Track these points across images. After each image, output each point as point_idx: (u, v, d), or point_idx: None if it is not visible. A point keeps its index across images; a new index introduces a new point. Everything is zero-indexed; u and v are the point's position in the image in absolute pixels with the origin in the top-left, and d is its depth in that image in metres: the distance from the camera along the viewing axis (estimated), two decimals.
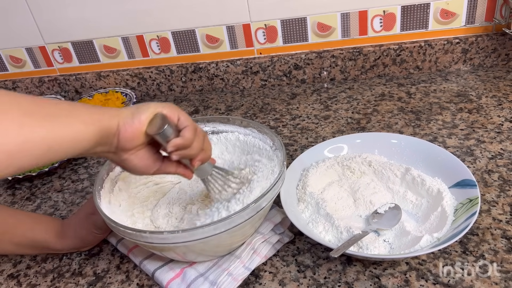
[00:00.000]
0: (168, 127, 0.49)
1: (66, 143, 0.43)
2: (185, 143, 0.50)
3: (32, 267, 0.66)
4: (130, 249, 0.63)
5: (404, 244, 0.56)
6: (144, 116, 0.48)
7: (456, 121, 0.84)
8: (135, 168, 0.52)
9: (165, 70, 1.14)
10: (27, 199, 0.83)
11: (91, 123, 0.45)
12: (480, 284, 0.52)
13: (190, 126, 0.51)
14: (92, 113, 0.46)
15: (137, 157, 0.51)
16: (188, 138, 0.50)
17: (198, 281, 0.56)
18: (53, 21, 1.12)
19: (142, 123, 0.48)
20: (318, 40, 1.06)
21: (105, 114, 0.47)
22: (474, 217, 0.53)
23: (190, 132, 0.51)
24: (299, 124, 0.92)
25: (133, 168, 0.52)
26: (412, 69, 1.06)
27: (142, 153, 0.51)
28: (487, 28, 1.01)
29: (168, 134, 0.49)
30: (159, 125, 0.49)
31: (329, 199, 0.65)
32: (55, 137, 0.42)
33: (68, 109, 0.45)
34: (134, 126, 0.48)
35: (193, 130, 0.51)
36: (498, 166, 0.70)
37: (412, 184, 0.65)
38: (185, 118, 0.52)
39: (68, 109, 0.45)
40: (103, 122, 0.46)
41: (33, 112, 0.41)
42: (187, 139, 0.50)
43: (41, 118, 0.41)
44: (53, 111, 0.43)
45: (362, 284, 0.54)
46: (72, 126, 0.43)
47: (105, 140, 0.47)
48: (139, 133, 0.48)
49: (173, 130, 0.50)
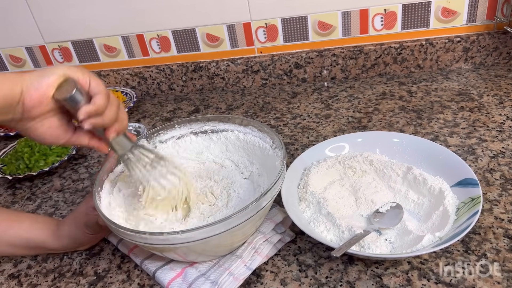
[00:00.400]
0: (78, 92, 0.45)
1: None
2: (97, 110, 0.46)
3: (33, 267, 0.65)
4: (131, 249, 0.63)
5: (406, 244, 0.56)
6: (52, 79, 0.44)
7: (458, 120, 0.84)
8: (42, 137, 0.48)
9: (166, 69, 1.14)
10: (28, 199, 0.83)
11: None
12: (482, 283, 0.51)
13: (102, 93, 0.47)
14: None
15: (43, 125, 0.47)
16: (100, 105, 0.46)
17: (199, 281, 0.56)
18: (53, 20, 1.12)
19: (49, 86, 0.44)
20: (318, 39, 1.06)
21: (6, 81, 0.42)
22: (476, 216, 0.53)
23: (102, 99, 0.46)
24: (300, 123, 0.92)
25: (39, 137, 0.48)
26: (413, 67, 1.05)
27: (50, 122, 0.47)
28: (488, 26, 1.00)
29: (78, 100, 0.45)
30: (68, 89, 0.45)
31: (330, 198, 0.65)
32: None
33: None
34: (40, 90, 0.43)
35: (105, 97, 0.47)
36: (500, 165, 0.70)
37: (413, 183, 0.65)
38: (96, 83, 0.47)
39: None
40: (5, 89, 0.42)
41: None
42: (99, 106, 0.46)
43: None
44: None
45: (364, 284, 0.54)
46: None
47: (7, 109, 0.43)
48: (46, 98, 0.44)
49: (84, 96, 0.46)
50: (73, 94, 0.45)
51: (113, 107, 0.49)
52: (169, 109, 1.10)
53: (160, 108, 1.11)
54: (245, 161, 0.70)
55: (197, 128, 0.72)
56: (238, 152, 0.71)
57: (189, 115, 1.05)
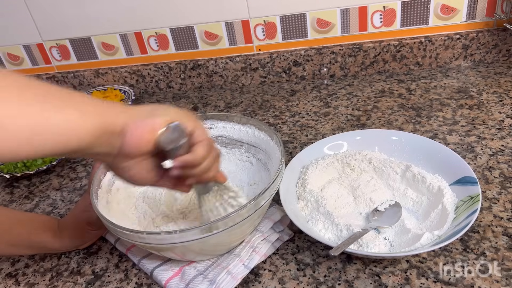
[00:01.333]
0: (185, 142, 0.42)
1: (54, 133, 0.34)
2: (194, 161, 0.43)
3: (30, 266, 0.65)
4: (128, 248, 0.63)
5: (404, 242, 0.56)
6: (160, 121, 0.41)
7: (457, 118, 0.84)
8: (132, 178, 0.45)
9: (164, 67, 1.14)
10: (26, 198, 0.82)
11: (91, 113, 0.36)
12: (481, 282, 0.51)
13: (204, 142, 0.44)
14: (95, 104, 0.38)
15: (136, 167, 0.43)
16: (200, 156, 0.43)
17: (197, 279, 0.56)
18: (51, 18, 1.11)
19: (155, 128, 0.40)
20: (317, 36, 1.05)
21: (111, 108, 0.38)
22: (475, 214, 0.53)
23: (203, 148, 0.43)
24: (299, 121, 0.92)
25: (129, 178, 0.45)
26: (412, 65, 1.05)
27: (144, 164, 0.43)
28: (488, 23, 1.00)
29: (179, 147, 0.42)
30: (175, 137, 0.41)
31: (328, 196, 0.64)
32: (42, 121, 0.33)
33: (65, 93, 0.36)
34: (145, 130, 0.40)
35: (207, 147, 0.44)
36: (499, 163, 0.70)
37: (412, 182, 0.64)
38: (201, 132, 0.44)
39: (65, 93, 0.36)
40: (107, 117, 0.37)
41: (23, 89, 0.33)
42: (198, 157, 0.43)
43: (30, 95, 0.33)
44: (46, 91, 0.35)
45: (362, 283, 0.54)
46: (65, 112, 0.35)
47: (107, 139, 0.38)
48: (149, 139, 0.40)
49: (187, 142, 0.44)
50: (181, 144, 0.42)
51: (211, 159, 0.46)
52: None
53: None
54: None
55: None
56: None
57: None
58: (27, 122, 0.33)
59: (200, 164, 0.44)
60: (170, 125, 0.42)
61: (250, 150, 0.70)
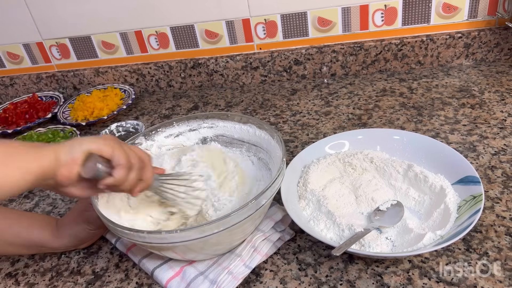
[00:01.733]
0: (100, 169, 0.49)
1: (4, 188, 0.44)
2: (115, 183, 0.50)
3: (30, 265, 0.65)
4: (129, 248, 0.63)
5: (406, 242, 0.56)
6: (76, 156, 0.48)
7: (459, 117, 0.83)
8: (77, 196, 0.53)
9: (164, 66, 1.13)
10: (25, 197, 0.82)
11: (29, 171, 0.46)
12: (484, 282, 0.51)
13: (122, 165, 0.50)
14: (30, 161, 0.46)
15: (75, 189, 0.51)
16: (119, 179, 0.50)
17: (198, 279, 0.55)
18: (51, 16, 1.11)
19: (75, 163, 0.48)
20: (318, 35, 1.05)
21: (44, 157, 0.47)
22: (478, 214, 0.52)
23: (121, 171, 0.50)
24: (300, 120, 0.91)
25: (74, 197, 0.53)
26: (413, 64, 1.05)
27: (81, 186, 0.52)
28: (489, 22, 0.99)
29: (99, 175, 0.50)
30: (92, 166, 0.49)
31: (330, 196, 0.64)
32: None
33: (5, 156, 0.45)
34: (67, 167, 0.48)
35: (124, 169, 0.51)
36: (501, 162, 0.69)
37: (414, 181, 0.64)
38: (119, 156, 0.50)
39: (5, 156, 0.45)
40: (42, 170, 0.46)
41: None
42: (117, 180, 0.50)
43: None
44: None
45: (364, 283, 0.53)
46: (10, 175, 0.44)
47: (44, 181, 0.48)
48: (73, 173, 0.48)
49: (107, 168, 0.50)
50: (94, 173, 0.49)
51: (134, 174, 0.52)
52: (168, 106, 1.09)
53: (158, 105, 1.10)
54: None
55: (195, 125, 0.71)
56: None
57: (188, 112, 1.04)
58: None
59: (123, 184, 0.51)
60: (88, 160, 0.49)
61: (251, 149, 0.70)
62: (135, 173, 0.52)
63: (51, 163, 0.47)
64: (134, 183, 0.53)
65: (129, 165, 0.51)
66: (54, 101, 1.16)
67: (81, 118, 1.04)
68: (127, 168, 0.51)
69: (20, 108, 1.11)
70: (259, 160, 0.69)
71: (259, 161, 0.69)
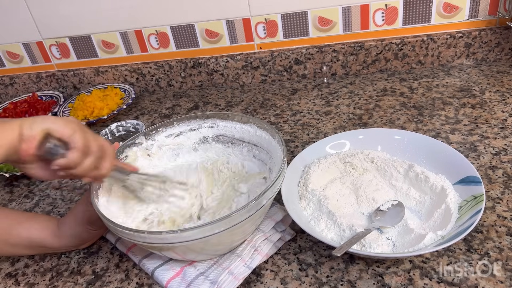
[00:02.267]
0: (53, 149, 0.50)
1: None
2: (68, 164, 0.51)
3: (30, 265, 0.65)
4: (129, 248, 0.62)
5: (407, 242, 0.56)
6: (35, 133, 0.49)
7: (459, 117, 0.83)
8: (36, 176, 0.53)
9: (164, 66, 1.13)
10: (25, 197, 0.82)
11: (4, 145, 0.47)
12: (485, 282, 0.51)
13: (77, 149, 0.51)
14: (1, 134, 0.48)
15: (34, 168, 0.52)
16: (72, 161, 0.51)
17: (198, 280, 0.55)
18: (51, 15, 1.11)
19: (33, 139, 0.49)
20: (319, 34, 1.05)
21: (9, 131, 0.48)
22: (479, 215, 0.52)
23: (75, 154, 0.50)
24: (300, 120, 0.91)
25: (34, 176, 0.54)
26: (414, 63, 1.04)
27: (40, 165, 0.52)
28: (490, 22, 0.99)
29: (53, 154, 0.50)
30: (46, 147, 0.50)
31: (331, 196, 0.64)
32: None
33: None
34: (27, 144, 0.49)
35: (79, 153, 0.51)
36: (502, 162, 0.69)
37: (415, 181, 0.64)
38: (78, 139, 0.51)
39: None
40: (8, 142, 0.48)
41: None
42: (70, 162, 0.50)
43: None
44: None
45: (365, 283, 0.53)
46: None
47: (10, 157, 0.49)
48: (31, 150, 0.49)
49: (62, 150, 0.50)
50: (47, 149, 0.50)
51: (89, 160, 0.52)
52: (168, 105, 1.09)
53: (158, 105, 1.10)
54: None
55: (196, 125, 0.71)
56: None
57: (188, 111, 1.04)
58: None
59: (77, 167, 0.51)
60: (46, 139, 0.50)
61: (252, 149, 0.69)
62: (91, 160, 0.52)
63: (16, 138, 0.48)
64: (88, 170, 0.52)
65: (86, 150, 0.51)
66: (54, 100, 1.16)
67: (81, 118, 1.04)
68: (83, 152, 0.51)
69: (20, 107, 1.11)
70: (260, 160, 0.69)
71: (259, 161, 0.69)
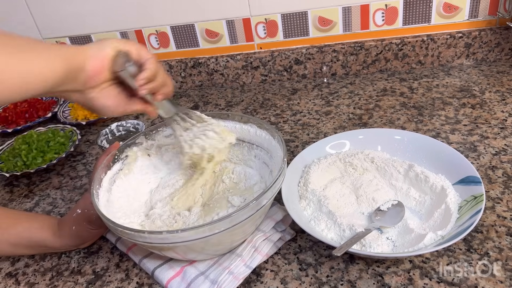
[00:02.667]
0: (132, 64, 0.50)
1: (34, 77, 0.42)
2: (151, 75, 0.51)
3: (30, 265, 0.65)
4: (129, 247, 0.62)
5: (407, 242, 0.56)
6: (107, 52, 0.48)
7: (459, 117, 0.83)
8: (103, 106, 0.52)
9: (164, 65, 1.13)
10: (25, 196, 0.82)
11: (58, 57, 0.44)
12: (485, 282, 0.51)
13: (152, 58, 0.52)
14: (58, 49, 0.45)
15: (103, 95, 0.51)
16: (153, 69, 0.51)
17: (198, 279, 0.55)
18: (51, 15, 1.11)
19: (106, 58, 0.48)
20: (319, 34, 1.05)
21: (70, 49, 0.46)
22: (479, 215, 0.52)
23: (153, 63, 0.51)
24: (300, 120, 0.91)
25: (101, 106, 0.52)
26: (414, 63, 1.04)
27: (109, 91, 0.51)
28: (490, 22, 0.99)
29: (132, 71, 0.50)
30: (122, 62, 0.49)
31: (331, 196, 0.64)
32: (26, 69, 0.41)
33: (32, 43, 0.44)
34: (100, 60, 0.48)
35: (155, 61, 0.52)
36: (502, 162, 0.69)
37: (415, 181, 0.64)
38: (145, 52, 0.52)
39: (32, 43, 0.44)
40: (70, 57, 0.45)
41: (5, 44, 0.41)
42: (152, 70, 0.51)
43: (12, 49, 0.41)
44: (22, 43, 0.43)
45: (365, 283, 0.53)
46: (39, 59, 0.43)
47: (72, 76, 0.46)
48: (105, 68, 0.48)
49: (136, 66, 0.51)
50: (128, 67, 0.50)
51: (162, 71, 0.53)
52: None
53: None
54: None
55: None
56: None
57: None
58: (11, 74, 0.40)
59: (156, 76, 0.52)
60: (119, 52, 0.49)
61: (252, 149, 0.69)
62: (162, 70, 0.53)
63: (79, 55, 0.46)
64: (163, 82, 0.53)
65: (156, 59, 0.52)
66: (54, 100, 1.16)
67: (81, 117, 1.04)
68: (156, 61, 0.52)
69: (20, 107, 1.11)
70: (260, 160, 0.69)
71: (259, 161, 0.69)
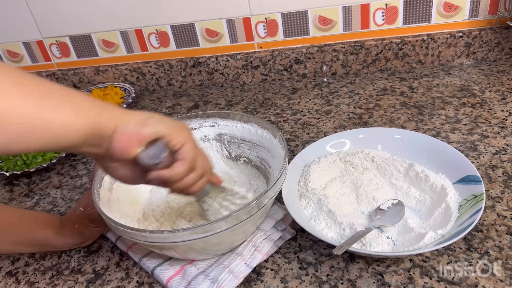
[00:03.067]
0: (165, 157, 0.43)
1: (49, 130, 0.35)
2: (171, 178, 0.45)
3: (30, 264, 0.65)
4: (129, 246, 0.62)
5: (407, 241, 0.56)
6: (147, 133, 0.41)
7: (459, 116, 0.83)
8: (120, 178, 0.47)
9: (164, 65, 1.13)
10: (25, 196, 0.82)
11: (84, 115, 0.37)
12: (485, 281, 0.51)
13: (186, 160, 0.44)
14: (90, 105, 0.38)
15: (123, 169, 0.45)
16: (177, 174, 0.44)
17: (198, 278, 0.55)
18: (51, 14, 1.11)
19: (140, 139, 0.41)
20: (319, 33, 1.05)
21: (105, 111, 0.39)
22: (479, 213, 0.52)
23: (182, 167, 0.44)
24: (300, 119, 0.91)
25: (117, 177, 0.47)
26: (414, 63, 1.04)
27: (129, 167, 0.45)
28: (490, 21, 0.99)
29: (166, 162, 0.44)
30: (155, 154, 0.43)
31: (331, 195, 0.64)
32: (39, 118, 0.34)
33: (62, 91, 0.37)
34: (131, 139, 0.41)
35: (186, 166, 0.45)
36: (502, 162, 0.69)
37: (415, 180, 0.64)
38: (188, 149, 0.44)
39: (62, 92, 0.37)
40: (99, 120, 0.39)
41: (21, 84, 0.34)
42: (174, 175, 0.44)
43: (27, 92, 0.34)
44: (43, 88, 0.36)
45: (365, 282, 0.53)
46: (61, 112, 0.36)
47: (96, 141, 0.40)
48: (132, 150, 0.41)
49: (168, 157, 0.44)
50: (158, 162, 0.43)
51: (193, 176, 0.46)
52: (168, 105, 1.09)
53: (159, 104, 1.10)
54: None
55: (197, 124, 0.71)
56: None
57: (188, 111, 1.04)
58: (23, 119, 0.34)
59: (179, 180, 0.46)
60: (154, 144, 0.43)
61: (253, 148, 0.70)
62: (193, 176, 0.46)
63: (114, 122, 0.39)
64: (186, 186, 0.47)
65: (192, 165, 0.45)
66: None
67: None
68: (190, 167, 0.45)
69: None
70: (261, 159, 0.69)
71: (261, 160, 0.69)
